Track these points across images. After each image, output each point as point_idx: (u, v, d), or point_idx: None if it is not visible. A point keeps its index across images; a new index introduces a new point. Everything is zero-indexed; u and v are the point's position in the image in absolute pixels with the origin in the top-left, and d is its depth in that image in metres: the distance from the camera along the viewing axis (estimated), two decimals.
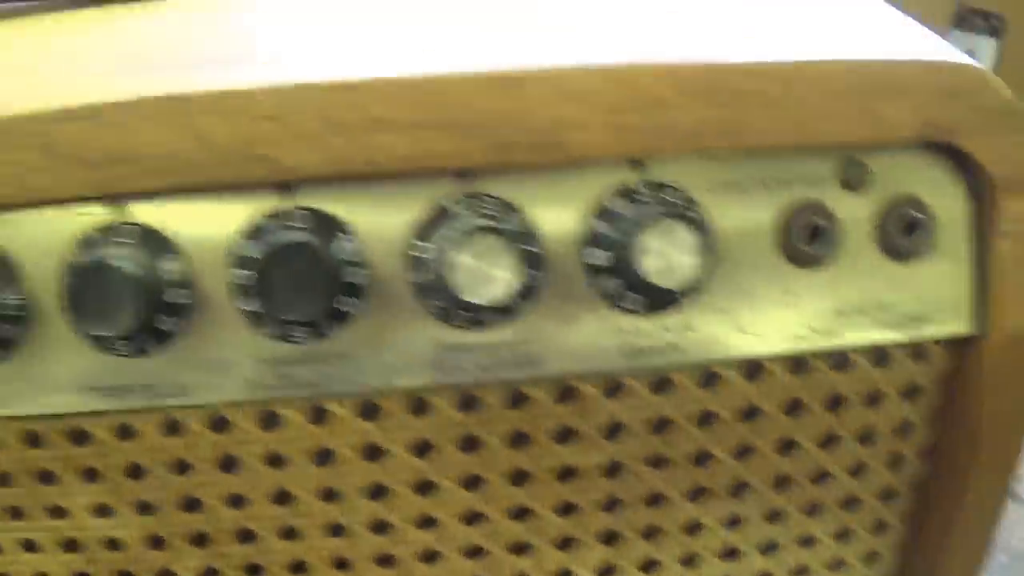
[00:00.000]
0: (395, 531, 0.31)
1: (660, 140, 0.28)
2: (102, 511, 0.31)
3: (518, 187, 0.28)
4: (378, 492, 0.31)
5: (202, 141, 0.27)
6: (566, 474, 0.31)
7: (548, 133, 0.28)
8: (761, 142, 0.29)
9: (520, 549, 0.32)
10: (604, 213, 0.28)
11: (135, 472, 0.30)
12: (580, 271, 0.29)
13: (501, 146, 0.28)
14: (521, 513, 0.31)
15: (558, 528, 0.32)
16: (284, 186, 0.28)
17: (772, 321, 0.30)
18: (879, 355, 0.31)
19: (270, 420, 0.30)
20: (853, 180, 0.29)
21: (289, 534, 0.31)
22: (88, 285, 0.27)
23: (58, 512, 0.31)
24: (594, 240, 0.28)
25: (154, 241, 0.28)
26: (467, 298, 0.27)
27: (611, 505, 0.32)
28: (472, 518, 0.32)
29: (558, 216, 0.28)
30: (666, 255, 0.27)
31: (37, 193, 0.28)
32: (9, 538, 0.32)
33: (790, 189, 0.29)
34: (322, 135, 0.27)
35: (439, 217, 0.28)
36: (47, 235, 0.28)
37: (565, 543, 0.32)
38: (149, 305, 0.27)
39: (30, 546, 0.32)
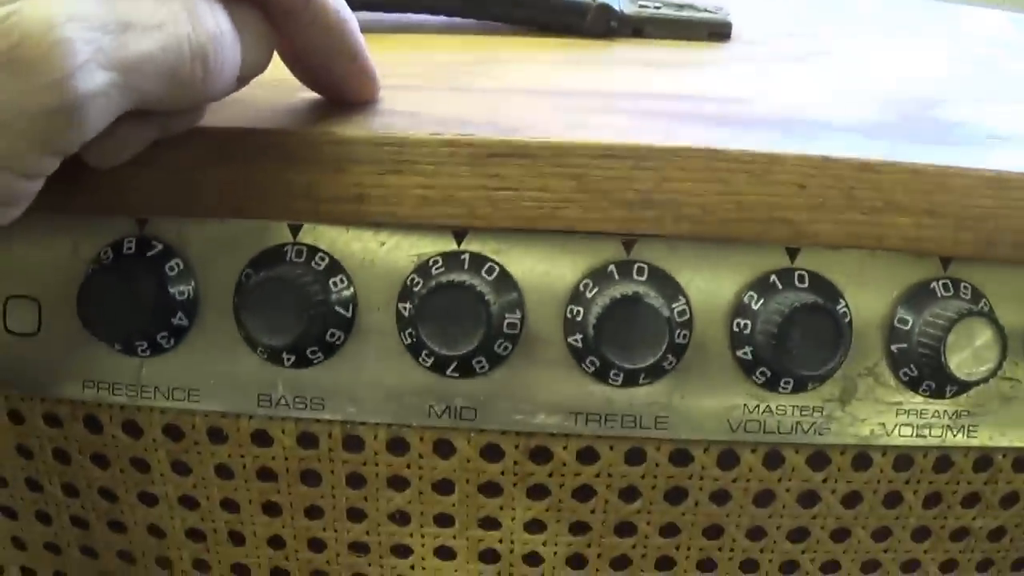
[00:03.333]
0: (800, 571, 0.33)
1: None
2: (534, 527, 0.33)
3: (988, 279, 0.31)
4: (800, 535, 0.33)
5: (732, 196, 0.30)
6: (960, 534, 0.33)
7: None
8: None
9: None
10: None
11: (582, 494, 0.32)
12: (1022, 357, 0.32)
13: (987, 241, 0.31)
14: (914, 566, 0.33)
15: None
16: (792, 249, 0.31)
17: None
18: None
19: (728, 460, 0.32)
20: None
21: (706, 565, 0.33)
22: (616, 317, 0.29)
23: (489, 523, 0.32)
24: None
25: (663, 282, 0.30)
26: (957, 374, 0.30)
27: (985, 566, 0.35)
28: (871, 565, 0.33)
29: (1013, 309, 0.31)
30: None
31: (563, 223, 0.30)
32: (427, 544, 0.33)
33: None
34: (842, 209, 0.30)
35: (924, 295, 0.31)
36: (556, 262, 0.30)
37: None
38: (669, 345, 0.29)
39: (446, 553, 0.33)
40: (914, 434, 0.32)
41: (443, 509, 0.32)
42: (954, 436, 0.32)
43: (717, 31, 0.43)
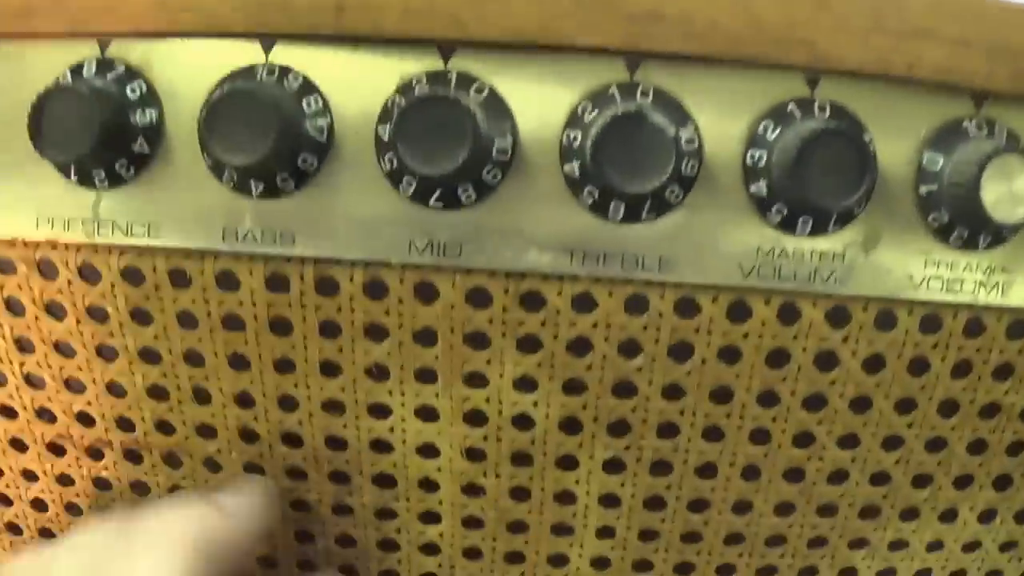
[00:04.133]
0: (817, 445, 0.30)
1: None
2: (525, 384, 0.30)
3: (1022, 119, 0.29)
4: (816, 403, 0.30)
5: (748, 13, 0.27)
6: (990, 410, 0.31)
7: None
8: None
9: (924, 481, 0.31)
10: None
11: (578, 347, 0.29)
12: None
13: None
14: (937, 444, 0.31)
15: (963, 466, 0.32)
16: (812, 76, 0.28)
17: None
18: None
19: (739, 312, 0.29)
20: None
21: (711, 434, 0.30)
22: (616, 139, 0.26)
23: (475, 380, 0.30)
24: None
25: (670, 106, 0.27)
26: (993, 216, 0.27)
27: (1016, 449, 0.32)
28: (892, 442, 0.31)
29: None
30: None
31: (563, 37, 0.27)
32: (407, 402, 0.30)
33: None
34: (868, 31, 0.27)
35: (955, 134, 0.28)
36: (552, 82, 0.27)
37: (964, 481, 0.32)
38: (674, 169, 0.27)
39: (427, 414, 0.30)
40: (943, 288, 0.29)
41: (425, 363, 0.29)
42: (987, 293, 0.29)
43: None
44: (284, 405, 0.31)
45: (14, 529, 0.35)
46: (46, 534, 0.35)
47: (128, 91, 0.28)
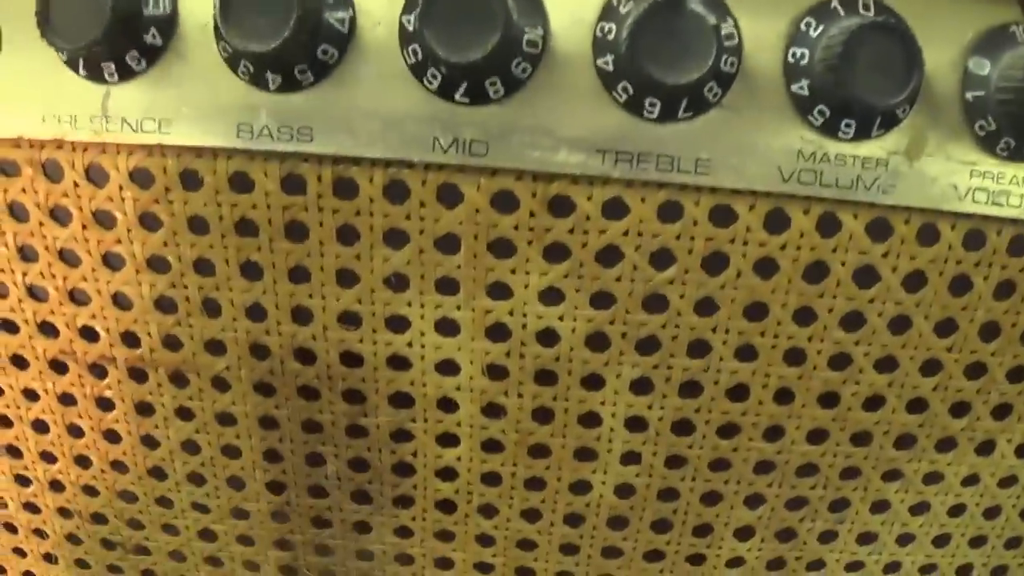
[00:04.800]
0: (852, 368, 0.29)
1: None
2: (551, 296, 0.28)
3: None
4: (853, 321, 0.29)
5: None
6: None
7: None
8: None
9: (962, 410, 0.30)
10: None
11: (606, 257, 0.28)
12: None
13: None
14: (977, 370, 0.30)
15: (1003, 394, 0.31)
16: None
17: None
18: None
19: (776, 221, 0.28)
20: None
21: (745, 353, 0.29)
22: (653, 28, 0.25)
23: (499, 291, 0.28)
24: None
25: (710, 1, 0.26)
26: None
27: (1016, 376, 0.31)
28: (932, 365, 0.30)
29: None
30: None
31: None
32: (428, 314, 0.29)
33: None
34: None
35: (1002, 39, 0.27)
36: None
37: (1004, 410, 0.31)
38: (715, 60, 0.25)
39: (448, 327, 0.29)
40: (989, 200, 0.28)
41: (446, 272, 0.28)
42: None
43: None
44: (298, 317, 0.29)
45: (14, 452, 0.34)
46: (47, 458, 0.34)
47: None
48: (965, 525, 0.33)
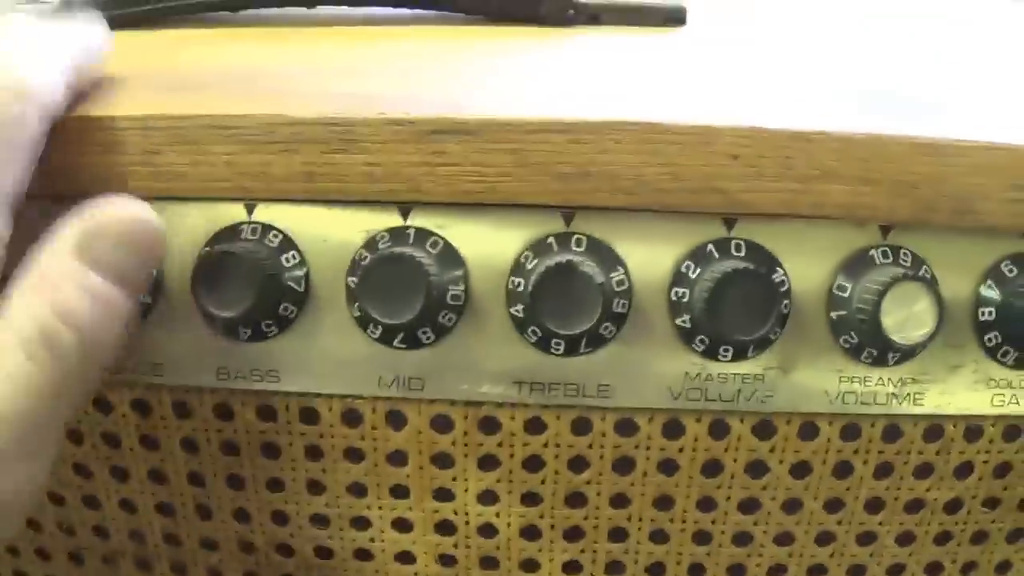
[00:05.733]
0: (755, 543, 0.33)
1: None
2: (487, 498, 0.33)
3: (927, 244, 0.32)
4: (750, 506, 0.33)
5: (667, 167, 0.31)
6: (914, 506, 0.33)
7: (962, 200, 0.31)
8: None
9: (858, 571, 0.34)
10: (997, 276, 0.32)
11: (532, 464, 0.33)
12: (969, 324, 0.32)
13: (923, 207, 0.31)
14: (867, 538, 0.34)
15: (894, 556, 0.34)
16: (728, 218, 0.31)
17: None
18: None
19: (673, 429, 0.32)
20: None
21: (657, 536, 0.33)
22: (551, 285, 0.30)
23: (443, 495, 0.33)
24: (984, 299, 0.32)
25: (602, 253, 0.31)
26: (893, 338, 0.30)
27: (943, 539, 0.34)
28: (824, 537, 0.34)
29: (956, 274, 0.32)
30: None
31: (503, 196, 0.31)
32: (384, 516, 0.34)
33: None
34: (777, 177, 0.31)
35: (862, 262, 0.31)
36: (496, 235, 0.31)
37: (897, 569, 0.35)
38: (603, 312, 0.30)
39: (403, 525, 0.34)
40: (857, 401, 0.32)
41: (398, 480, 0.33)
42: (899, 404, 0.32)
43: (672, 16, 0.44)
44: (277, 519, 0.34)
45: None
46: None
47: None
48: None
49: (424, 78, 0.36)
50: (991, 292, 0.32)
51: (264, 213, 0.32)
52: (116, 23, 0.38)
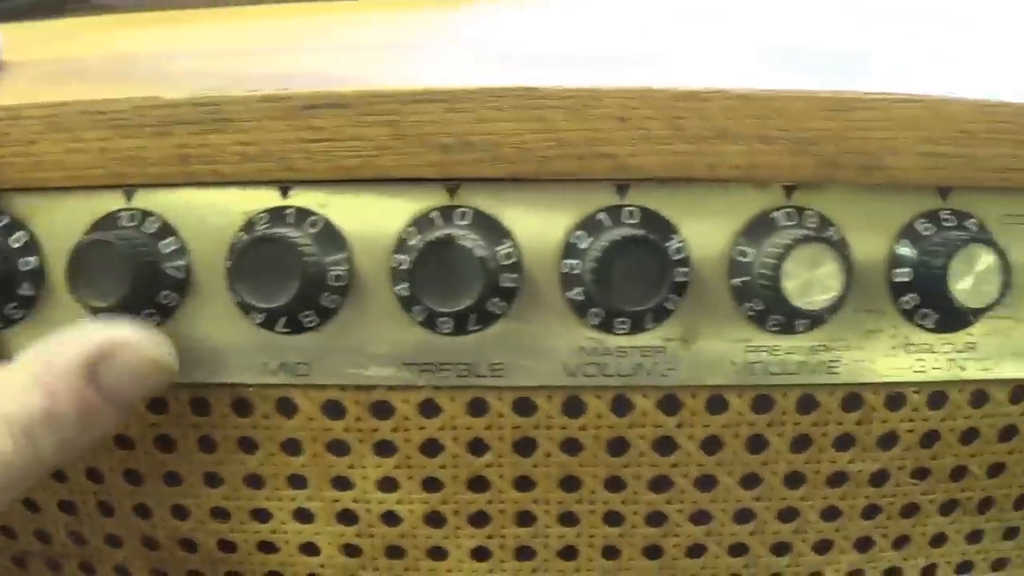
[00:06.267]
0: (670, 523, 0.32)
1: (967, 171, 0.30)
2: (387, 484, 0.32)
3: (835, 204, 0.30)
4: (661, 484, 0.32)
5: (550, 134, 0.29)
6: (837, 479, 0.32)
7: (871, 156, 0.30)
8: None
9: (782, 549, 0.33)
10: (911, 234, 0.30)
11: (429, 448, 0.32)
12: (883, 287, 0.30)
13: (828, 164, 0.30)
14: (790, 514, 0.32)
15: (819, 532, 0.33)
16: (620, 184, 0.30)
17: None
18: None
19: (573, 407, 0.31)
20: None
21: (567, 519, 0.32)
22: (430, 262, 0.29)
23: (341, 483, 0.32)
24: (899, 260, 0.30)
25: (488, 226, 0.30)
26: (795, 303, 0.29)
27: (871, 512, 0.33)
28: (743, 515, 0.32)
29: (868, 234, 0.30)
30: (970, 278, 0.29)
31: (380, 171, 0.30)
32: (284, 506, 0.33)
33: None
34: (668, 139, 0.29)
35: (764, 225, 0.30)
36: (379, 211, 0.30)
37: (824, 546, 0.33)
38: (486, 286, 0.29)
39: (303, 516, 0.33)
40: (766, 371, 0.31)
41: (294, 470, 0.32)
42: (812, 373, 0.31)
43: None
44: (177, 514, 0.33)
45: None
46: None
47: (11, 241, 0.32)
48: None
49: (302, 53, 0.35)
50: (906, 251, 0.30)
51: (142, 199, 0.31)
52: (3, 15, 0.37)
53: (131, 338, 0.29)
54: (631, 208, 0.30)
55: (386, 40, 0.36)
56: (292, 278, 0.29)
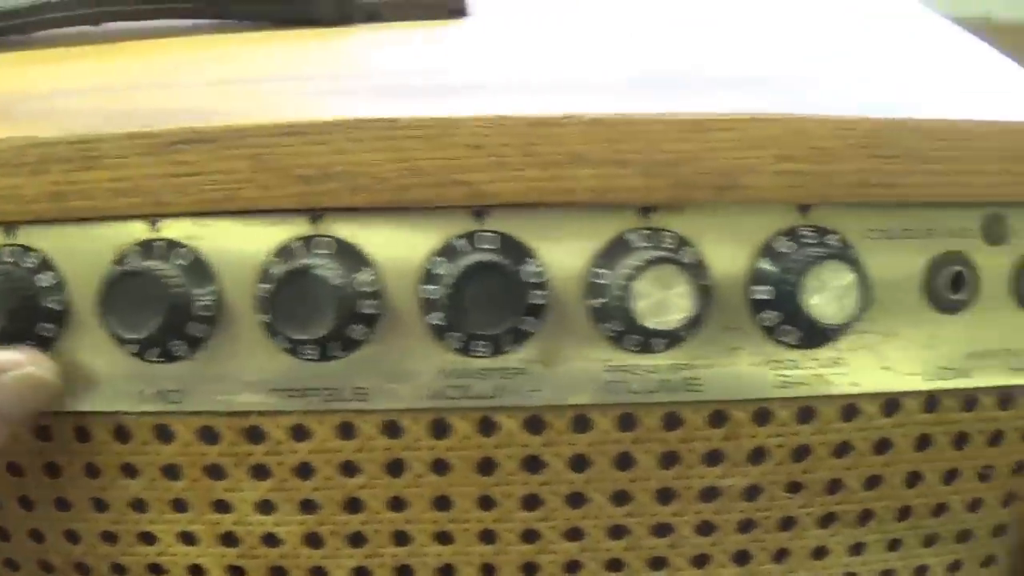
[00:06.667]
0: (544, 541, 0.33)
1: (825, 188, 0.31)
2: (265, 507, 0.33)
3: (693, 224, 0.31)
4: (532, 502, 0.33)
5: (406, 163, 0.30)
6: (709, 494, 0.33)
7: (727, 176, 0.30)
8: (915, 195, 0.31)
9: (658, 563, 0.34)
10: (770, 252, 0.31)
11: (303, 471, 0.32)
12: (744, 305, 0.31)
13: (683, 185, 0.30)
14: (664, 530, 0.33)
15: (696, 546, 0.34)
16: (478, 210, 0.31)
17: (912, 361, 0.32)
18: (1004, 397, 0.33)
19: (440, 429, 0.32)
20: (995, 234, 0.32)
21: (442, 538, 0.33)
22: (289, 291, 0.29)
23: (222, 506, 0.33)
24: (759, 277, 0.31)
25: (350, 254, 0.31)
26: (645, 324, 0.29)
27: (746, 526, 0.34)
28: (617, 531, 0.33)
29: (728, 253, 0.31)
30: (828, 294, 0.30)
31: (244, 203, 0.31)
32: (169, 530, 0.34)
33: (937, 240, 0.32)
34: (521, 165, 0.30)
35: (620, 247, 0.31)
36: (245, 242, 0.31)
37: (701, 560, 0.34)
38: (344, 313, 0.30)
39: (188, 539, 0.34)
40: (628, 391, 0.31)
41: (176, 494, 0.33)
42: (675, 391, 0.31)
43: (453, 8, 0.42)
44: (69, 538, 0.34)
45: None
46: None
47: None
48: None
49: (175, 89, 0.36)
50: (766, 268, 0.31)
51: (23, 236, 0.32)
52: None
53: (13, 356, 0.30)
54: (488, 233, 0.30)
55: (253, 74, 0.37)
56: (157, 309, 0.30)
